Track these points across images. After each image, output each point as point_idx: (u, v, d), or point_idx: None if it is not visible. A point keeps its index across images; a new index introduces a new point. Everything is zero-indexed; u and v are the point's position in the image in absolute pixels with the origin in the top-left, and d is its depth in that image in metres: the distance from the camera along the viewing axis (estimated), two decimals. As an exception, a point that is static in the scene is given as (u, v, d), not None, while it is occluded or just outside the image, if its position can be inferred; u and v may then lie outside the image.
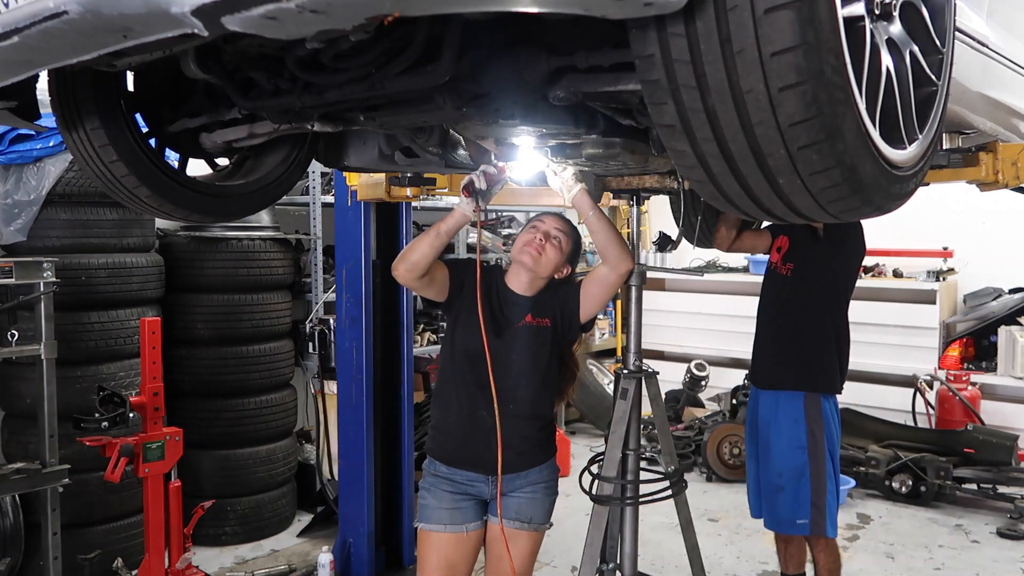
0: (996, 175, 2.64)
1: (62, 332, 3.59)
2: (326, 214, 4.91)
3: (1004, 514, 4.99)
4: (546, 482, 2.62)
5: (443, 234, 2.43)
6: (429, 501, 2.56)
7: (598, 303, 2.58)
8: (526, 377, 2.52)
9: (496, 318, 2.53)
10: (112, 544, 3.89)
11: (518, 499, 2.56)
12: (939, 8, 1.48)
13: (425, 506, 2.57)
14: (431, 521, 2.55)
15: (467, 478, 2.55)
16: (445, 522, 2.54)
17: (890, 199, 1.33)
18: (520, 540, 2.56)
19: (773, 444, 3.26)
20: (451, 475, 2.56)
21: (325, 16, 1.04)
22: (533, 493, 2.58)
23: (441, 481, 2.56)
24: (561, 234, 2.57)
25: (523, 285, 2.57)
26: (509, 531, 2.53)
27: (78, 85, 2.03)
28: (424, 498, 2.58)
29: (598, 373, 7.13)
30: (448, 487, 2.55)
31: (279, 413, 4.74)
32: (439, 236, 2.42)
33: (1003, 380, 6.12)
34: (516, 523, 2.55)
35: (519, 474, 2.55)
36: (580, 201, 2.49)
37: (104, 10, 1.12)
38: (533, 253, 2.52)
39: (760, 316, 3.45)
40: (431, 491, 2.57)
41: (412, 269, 2.43)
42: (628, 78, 1.50)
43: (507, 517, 2.54)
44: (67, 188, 3.86)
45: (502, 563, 2.55)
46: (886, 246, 6.57)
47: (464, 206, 2.44)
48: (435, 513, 2.55)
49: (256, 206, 2.57)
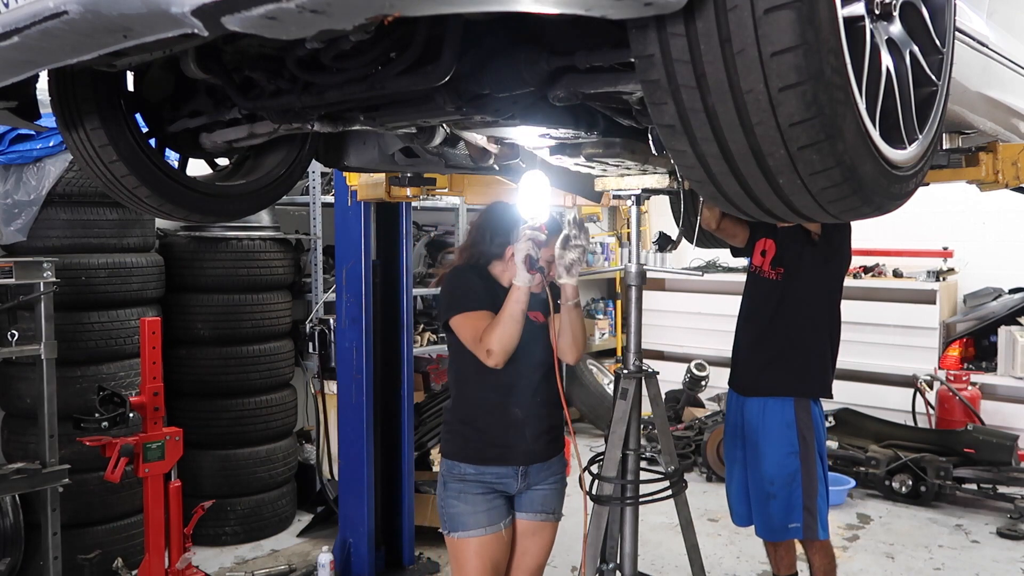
0: (996, 175, 2.64)
1: (62, 332, 3.58)
2: (326, 214, 4.92)
3: (1004, 514, 4.99)
4: (561, 473, 2.72)
5: (524, 313, 2.42)
6: (461, 508, 2.55)
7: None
8: (544, 366, 2.62)
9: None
10: (112, 544, 3.89)
11: (543, 491, 2.65)
12: (939, 8, 1.48)
13: (457, 514, 2.55)
14: (469, 528, 2.54)
15: (497, 475, 2.57)
16: (483, 524, 2.55)
17: (890, 199, 1.33)
18: (545, 532, 2.68)
19: (763, 451, 3.22)
20: (480, 476, 2.56)
21: (325, 16, 1.04)
22: (555, 484, 2.69)
23: (470, 485, 2.56)
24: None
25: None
26: (536, 524, 2.64)
27: (78, 85, 2.03)
28: (454, 506, 2.56)
29: (598, 373, 7.13)
30: (479, 489, 2.56)
31: (279, 413, 4.74)
32: (523, 317, 2.42)
33: (1003, 380, 6.12)
34: (542, 515, 2.65)
35: (545, 464, 2.63)
36: (571, 289, 2.53)
37: (104, 10, 1.12)
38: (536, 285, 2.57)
39: (745, 322, 3.40)
40: (461, 497, 2.56)
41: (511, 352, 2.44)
42: (628, 78, 1.50)
43: (533, 511, 2.63)
44: (67, 188, 3.86)
45: (526, 558, 2.64)
46: (886, 246, 6.58)
47: (525, 277, 2.41)
48: (472, 519, 2.54)
49: (256, 206, 2.57)
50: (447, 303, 2.58)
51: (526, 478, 2.60)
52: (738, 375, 3.41)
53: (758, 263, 3.33)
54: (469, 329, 2.48)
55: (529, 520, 2.64)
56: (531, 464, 2.59)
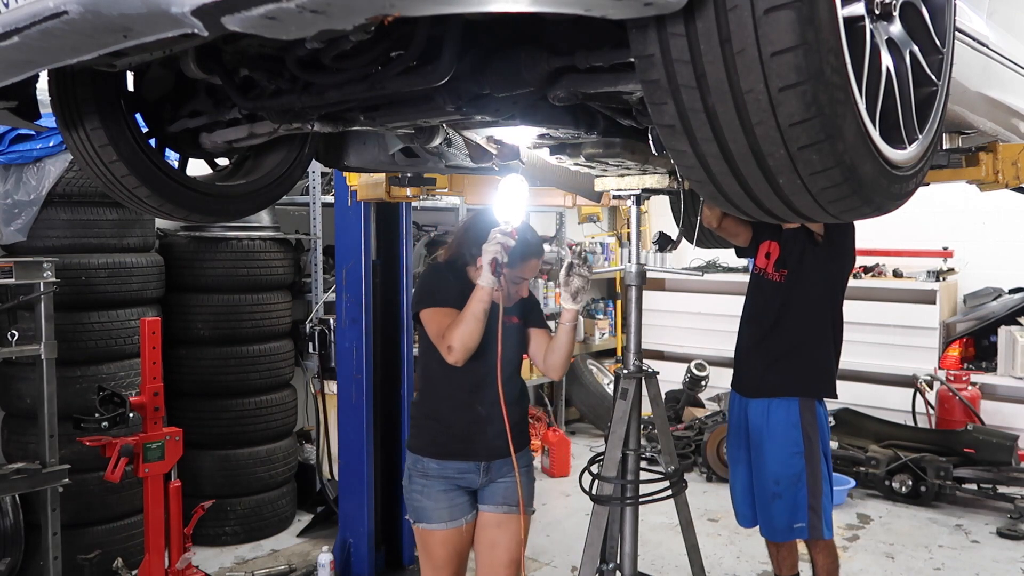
0: (996, 175, 2.64)
1: (62, 332, 3.59)
2: (326, 214, 4.91)
3: (1004, 514, 4.99)
4: (526, 467, 2.75)
5: (486, 312, 2.49)
6: (425, 503, 2.65)
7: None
8: (511, 365, 2.69)
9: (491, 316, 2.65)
10: (112, 544, 3.89)
11: (505, 484, 2.69)
12: (939, 8, 1.48)
13: (422, 508, 2.65)
14: (432, 521, 2.64)
15: (459, 470, 2.64)
16: (446, 520, 2.63)
17: (890, 199, 1.33)
18: (512, 525, 2.68)
19: (768, 451, 3.22)
20: (442, 471, 2.63)
21: (325, 16, 1.04)
22: (520, 477, 2.71)
23: (433, 481, 2.64)
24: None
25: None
26: (500, 516, 2.68)
27: (78, 85, 2.03)
28: (418, 500, 2.66)
29: (598, 373, 7.13)
30: (442, 486, 2.63)
31: (279, 413, 4.74)
32: (484, 316, 2.49)
33: (1003, 380, 6.12)
34: (505, 507, 2.68)
35: (505, 460, 2.67)
36: (571, 313, 2.65)
37: (104, 10, 1.12)
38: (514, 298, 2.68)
39: (747, 325, 3.40)
40: (424, 492, 2.65)
41: (472, 350, 2.51)
42: (628, 78, 1.50)
43: (495, 503, 2.68)
44: (67, 188, 3.86)
45: (497, 551, 2.68)
46: (886, 246, 6.57)
47: (489, 279, 2.47)
48: (434, 513, 2.64)
49: (256, 206, 2.57)
50: (419, 296, 2.67)
51: (488, 473, 2.66)
52: (741, 377, 3.41)
53: (762, 265, 3.34)
54: (435, 324, 2.56)
55: (492, 512, 2.68)
56: (493, 460, 2.65)
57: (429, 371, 2.71)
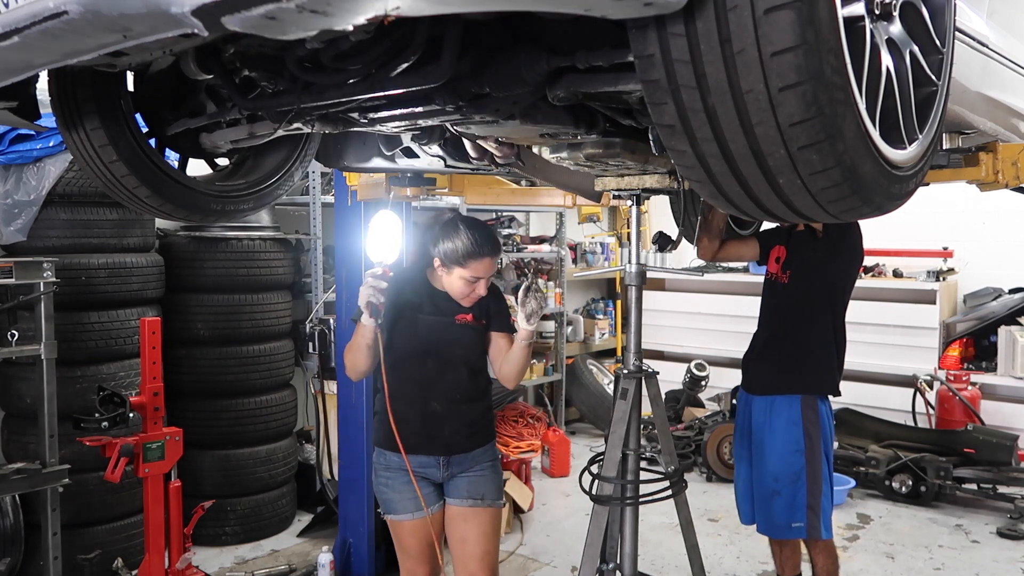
0: (996, 175, 2.64)
1: (62, 332, 3.59)
2: (326, 214, 4.92)
3: (1004, 514, 4.99)
4: (491, 461, 2.81)
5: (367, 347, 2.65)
6: (391, 495, 2.74)
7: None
8: (468, 367, 2.75)
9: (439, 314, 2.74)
10: (112, 544, 3.89)
11: (468, 478, 2.75)
12: (939, 8, 1.48)
13: (389, 500, 2.75)
14: (399, 512, 2.74)
15: (419, 463, 2.70)
16: (411, 510, 2.72)
17: (890, 199, 1.33)
18: (480, 518, 2.74)
19: (768, 448, 3.24)
20: (404, 464, 2.69)
21: (325, 16, 1.04)
22: (482, 472, 2.77)
23: (397, 473, 2.72)
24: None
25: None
26: (466, 510, 2.73)
27: (78, 85, 2.03)
28: (385, 492, 2.76)
29: (598, 373, 7.13)
30: (405, 478, 2.70)
31: (279, 413, 4.74)
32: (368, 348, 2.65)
33: (1003, 380, 6.12)
34: (470, 500, 2.74)
35: (467, 455, 2.74)
36: (526, 332, 2.68)
37: (104, 10, 1.12)
38: (473, 298, 2.73)
39: (759, 327, 3.44)
40: (389, 485, 2.74)
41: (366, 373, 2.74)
42: (628, 78, 1.50)
43: (460, 496, 2.74)
44: (67, 188, 3.86)
45: (467, 545, 2.73)
46: (886, 246, 6.57)
47: (368, 320, 2.60)
48: (401, 504, 2.73)
49: (256, 206, 2.57)
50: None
51: (448, 467, 2.72)
52: (747, 374, 3.45)
53: (773, 270, 3.39)
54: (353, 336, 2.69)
55: (458, 506, 2.74)
56: (451, 455, 2.71)
57: (386, 368, 2.75)
